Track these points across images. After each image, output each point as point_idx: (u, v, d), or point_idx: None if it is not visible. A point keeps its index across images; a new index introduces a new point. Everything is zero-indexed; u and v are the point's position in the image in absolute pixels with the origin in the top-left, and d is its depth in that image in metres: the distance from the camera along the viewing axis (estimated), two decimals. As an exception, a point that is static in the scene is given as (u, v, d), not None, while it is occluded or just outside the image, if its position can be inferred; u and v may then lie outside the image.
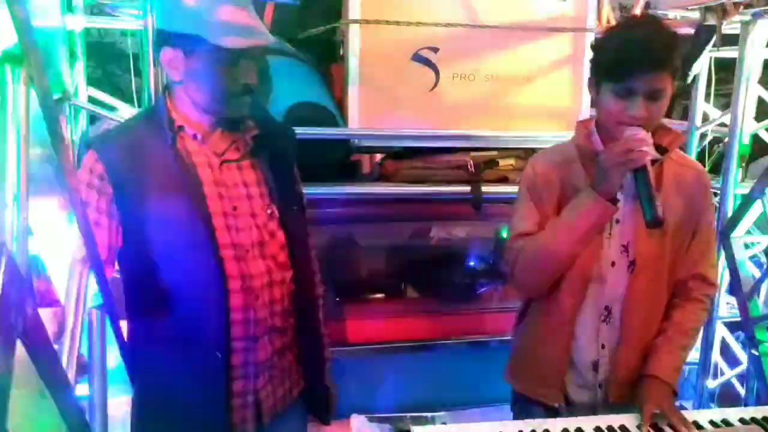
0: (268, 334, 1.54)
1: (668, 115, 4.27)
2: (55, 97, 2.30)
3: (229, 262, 1.46)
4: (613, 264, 1.64)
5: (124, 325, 3.02)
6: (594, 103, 1.63)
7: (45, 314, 1.03)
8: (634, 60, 1.47)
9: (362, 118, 2.87)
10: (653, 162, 1.54)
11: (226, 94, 1.45)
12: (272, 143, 1.61)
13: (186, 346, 1.47)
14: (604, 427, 1.57)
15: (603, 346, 1.68)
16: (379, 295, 3.44)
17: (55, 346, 1.01)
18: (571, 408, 1.71)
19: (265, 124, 1.63)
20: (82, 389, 1.19)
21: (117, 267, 1.51)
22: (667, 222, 1.57)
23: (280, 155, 1.64)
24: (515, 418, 1.81)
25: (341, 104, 2.95)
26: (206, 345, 1.47)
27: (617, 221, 1.63)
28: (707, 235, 1.73)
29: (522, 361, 1.82)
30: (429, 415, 3.07)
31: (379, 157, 3.24)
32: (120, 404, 1.36)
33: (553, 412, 1.70)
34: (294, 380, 1.66)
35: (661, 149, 1.64)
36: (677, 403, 1.64)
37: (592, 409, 1.70)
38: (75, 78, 2.69)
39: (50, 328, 1.02)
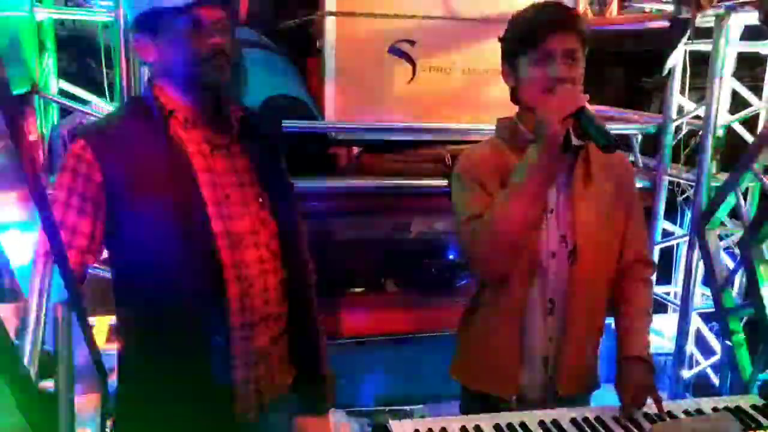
0: (264, 321, 1.54)
1: (645, 109, 4.31)
2: (23, 89, 2.25)
3: (224, 251, 1.46)
4: (553, 255, 1.65)
5: (101, 320, 2.99)
6: (513, 93, 1.66)
7: (6, 310, 1.01)
8: (547, 21, 1.56)
9: (339, 111, 2.86)
10: (579, 148, 1.60)
11: (196, 57, 1.42)
12: (259, 130, 1.62)
13: (185, 335, 1.47)
14: (580, 419, 1.58)
15: (551, 339, 1.69)
16: (357, 290, 3.44)
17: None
18: (523, 406, 1.70)
19: (250, 110, 1.62)
20: (48, 385, 1.16)
21: (94, 259, 1.49)
22: (603, 206, 1.64)
23: (268, 142, 1.64)
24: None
25: (318, 97, 2.93)
26: (205, 334, 1.47)
27: (551, 211, 1.64)
28: (640, 216, 1.80)
29: (473, 355, 1.80)
30: (408, 408, 3.08)
31: (356, 150, 3.22)
32: (88, 401, 1.33)
33: (506, 409, 1.68)
34: (289, 368, 1.65)
35: None
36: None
37: (544, 405, 1.70)
38: (45, 70, 2.64)
39: (12, 324, 1.00)
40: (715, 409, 1.63)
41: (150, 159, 1.43)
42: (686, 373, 3.36)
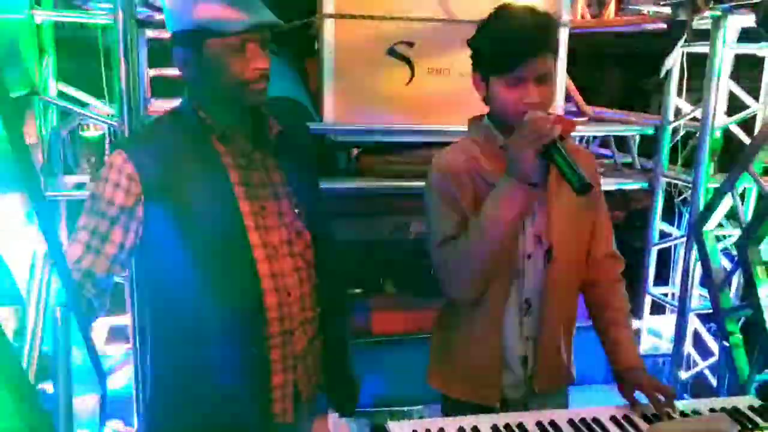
0: (302, 325, 1.57)
1: (644, 110, 4.32)
2: (22, 92, 2.26)
3: (262, 262, 1.49)
4: (529, 256, 1.66)
5: (104, 322, 2.99)
6: (485, 99, 1.63)
7: (5, 312, 1.02)
8: (518, 49, 1.51)
9: (338, 113, 2.86)
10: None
11: (241, 80, 1.43)
12: (294, 141, 1.63)
13: (223, 345, 1.49)
14: (577, 419, 1.58)
15: (528, 339, 1.71)
16: (356, 290, 3.44)
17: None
18: (504, 407, 1.71)
19: (285, 122, 1.63)
20: (47, 387, 1.16)
21: (121, 268, 1.51)
22: (574, 204, 1.62)
23: (303, 153, 1.66)
24: None
25: (317, 98, 2.93)
26: (244, 344, 1.50)
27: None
28: (606, 213, 1.81)
29: (452, 364, 1.79)
30: (406, 409, 3.08)
31: (355, 151, 3.23)
32: (86, 402, 1.34)
33: (489, 412, 1.67)
34: (321, 369, 1.68)
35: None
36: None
37: (523, 402, 1.71)
38: (44, 73, 2.64)
39: (10, 326, 1.00)
40: (712, 410, 1.64)
41: (188, 172, 1.46)
42: (684, 374, 3.37)
